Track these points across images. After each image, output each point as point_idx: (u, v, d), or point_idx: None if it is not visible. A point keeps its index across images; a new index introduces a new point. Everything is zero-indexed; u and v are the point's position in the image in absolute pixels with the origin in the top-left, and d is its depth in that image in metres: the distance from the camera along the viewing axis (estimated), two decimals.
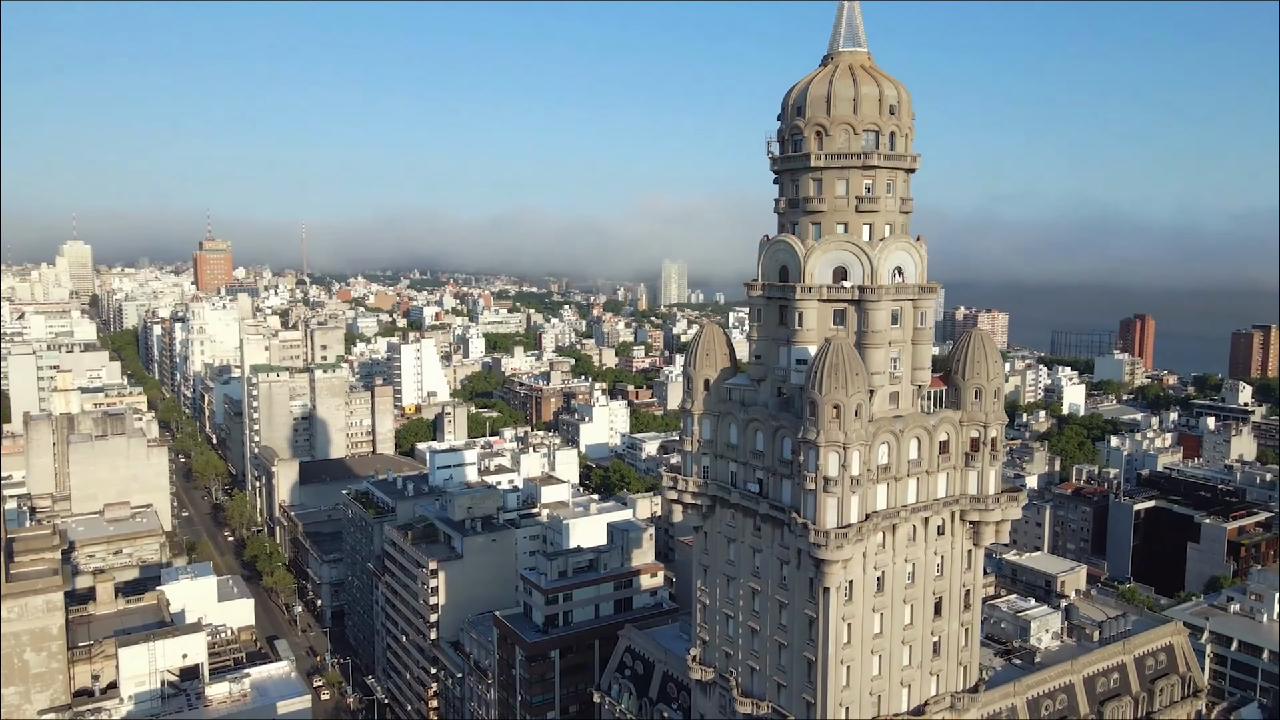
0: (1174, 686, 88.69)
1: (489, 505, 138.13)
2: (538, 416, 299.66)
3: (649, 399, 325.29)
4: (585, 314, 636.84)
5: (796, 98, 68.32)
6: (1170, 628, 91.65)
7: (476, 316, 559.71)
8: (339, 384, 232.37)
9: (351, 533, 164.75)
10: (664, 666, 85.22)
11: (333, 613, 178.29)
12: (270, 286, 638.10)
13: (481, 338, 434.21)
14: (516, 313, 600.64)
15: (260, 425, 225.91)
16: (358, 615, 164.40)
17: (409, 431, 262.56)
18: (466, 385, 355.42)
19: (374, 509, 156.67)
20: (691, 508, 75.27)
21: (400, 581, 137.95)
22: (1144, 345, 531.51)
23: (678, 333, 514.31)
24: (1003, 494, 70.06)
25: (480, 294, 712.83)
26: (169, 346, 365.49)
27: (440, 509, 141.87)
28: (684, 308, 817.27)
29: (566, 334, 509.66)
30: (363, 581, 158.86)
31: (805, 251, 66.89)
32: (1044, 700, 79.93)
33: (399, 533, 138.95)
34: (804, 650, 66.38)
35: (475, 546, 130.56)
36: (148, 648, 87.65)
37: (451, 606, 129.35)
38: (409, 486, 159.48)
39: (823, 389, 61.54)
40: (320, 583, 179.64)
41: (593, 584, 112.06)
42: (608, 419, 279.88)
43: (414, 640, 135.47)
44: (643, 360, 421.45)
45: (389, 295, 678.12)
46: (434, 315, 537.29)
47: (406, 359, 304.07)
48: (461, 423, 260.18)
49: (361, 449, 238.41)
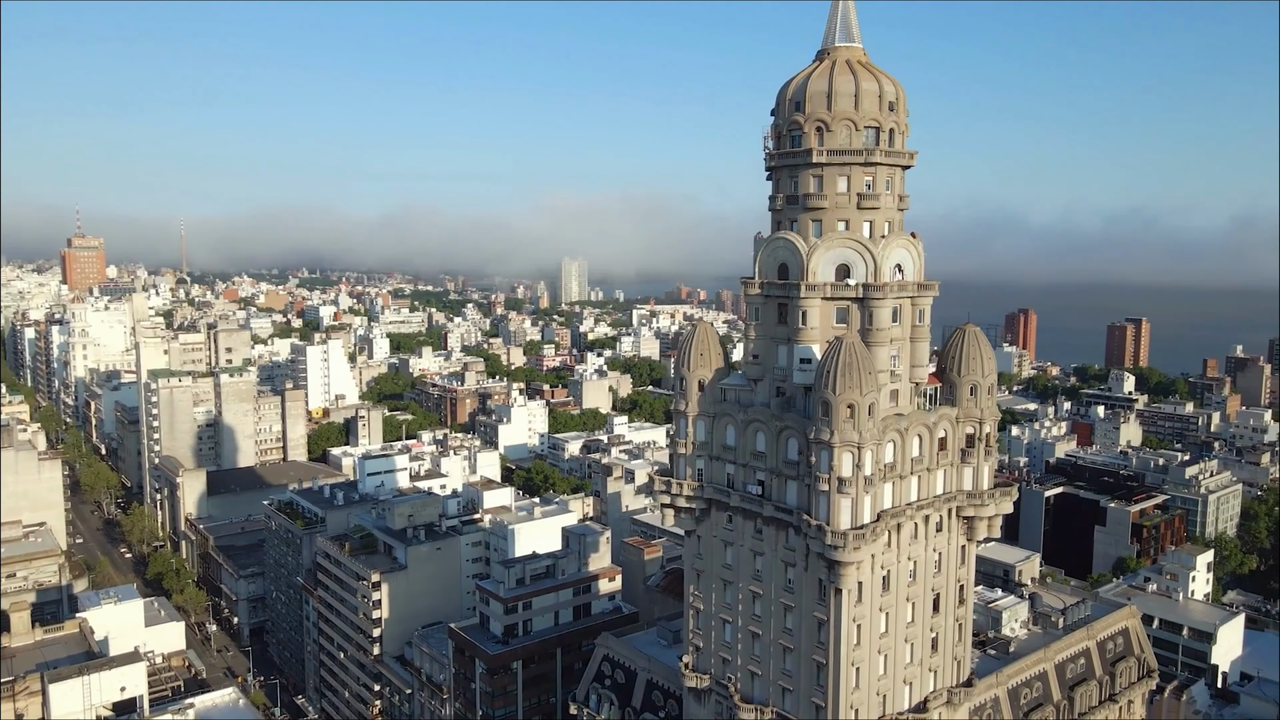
0: (1131, 668, 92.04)
1: (430, 513, 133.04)
2: (453, 418, 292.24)
3: (565, 398, 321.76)
4: (487, 312, 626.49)
5: (795, 92, 67.27)
6: (1125, 612, 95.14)
7: (377, 316, 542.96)
8: (247, 388, 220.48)
9: (275, 545, 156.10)
10: (648, 674, 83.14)
11: (251, 630, 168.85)
12: (149, 286, 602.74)
13: (386, 338, 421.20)
14: (418, 312, 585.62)
15: (161, 434, 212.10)
16: (283, 632, 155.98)
17: (320, 437, 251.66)
18: (373, 387, 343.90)
19: (301, 520, 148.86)
20: (684, 512, 73.47)
21: (336, 595, 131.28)
22: (1028, 338, 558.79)
23: (585, 330, 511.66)
24: (996, 489, 70.90)
25: (378, 293, 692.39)
26: (44, 351, 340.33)
27: (378, 518, 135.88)
28: (585, 305, 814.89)
29: (472, 333, 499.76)
30: (289, 596, 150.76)
31: (808, 249, 65.92)
32: (1022, 689, 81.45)
33: (334, 544, 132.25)
34: (813, 653, 65.46)
35: (419, 556, 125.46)
36: (82, 682, 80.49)
37: (395, 619, 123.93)
38: (338, 495, 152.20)
39: (837, 388, 60.67)
40: (236, 599, 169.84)
41: (552, 591, 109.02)
42: (526, 419, 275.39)
43: (353, 656, 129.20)
44: (553, 359, 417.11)
45: (280, 295, 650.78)
46: (332, 315, 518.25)
47: (312, 361, 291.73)
48: (376, 426, 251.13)
49: (271, 456, 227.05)
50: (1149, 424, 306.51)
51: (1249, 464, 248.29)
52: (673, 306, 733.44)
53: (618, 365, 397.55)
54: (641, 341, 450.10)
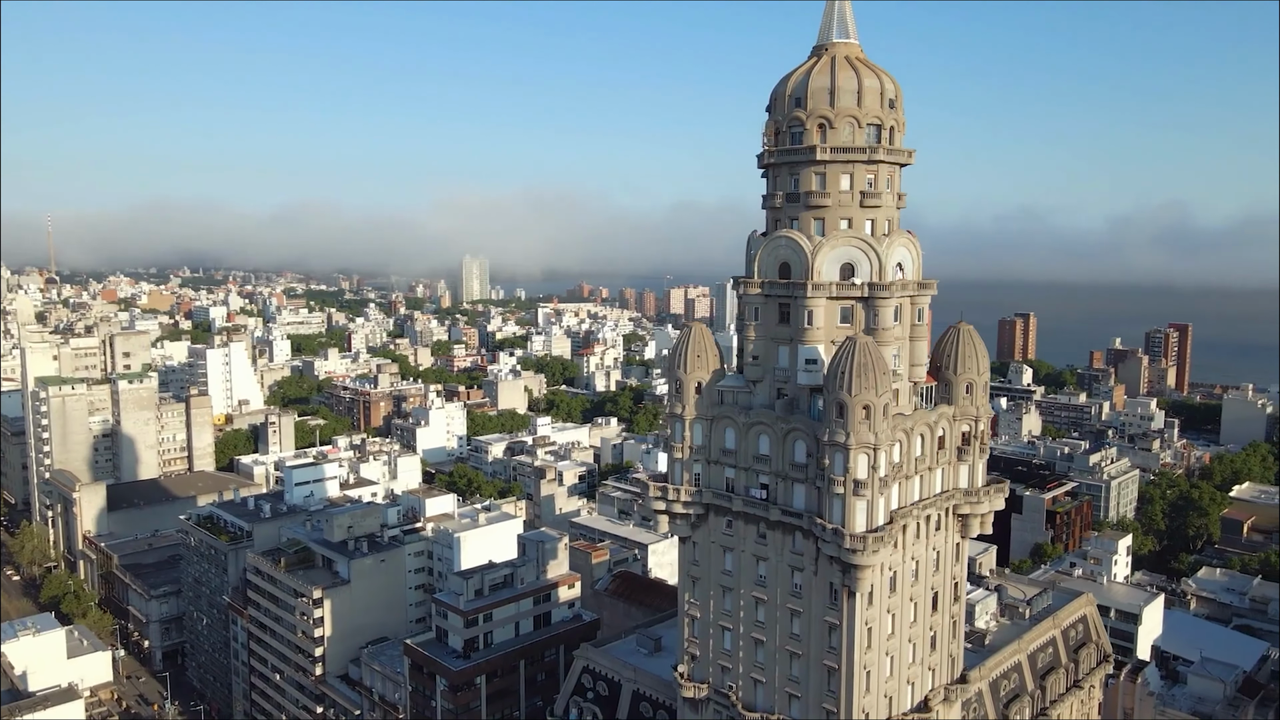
0: (1091, 654, 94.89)
1: (371, 523, 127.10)
2: (367, 422, 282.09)
3: (481, 399, 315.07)
4: (389, 312, 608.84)
5: (795, 88, 66.03)
6: (1083, 600, 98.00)
7: (273, 317, 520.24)
8: (148, 395, 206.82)
9: (195, 562, 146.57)
10: (634, 685, 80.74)
11: (164, 654, 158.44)
12: (14, 287, 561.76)
13: (286, 340, 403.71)
14: (317, 312, 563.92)
15: (52, 446, 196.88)
16: (204, 655, 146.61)
17: (226, 444, 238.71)
18: (277, 391, 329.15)
19: (226, 535, 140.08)
20: (680, 518, 71.42)
21: (271, 614, 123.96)
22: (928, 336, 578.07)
23: (493, 330, 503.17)
24: (989, 485, 71.46)
25: (271, 293, 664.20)
26: None
27: (313, 530, 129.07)
28: (488, 304, 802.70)
29: (377, 334, 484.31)
30: (213, 617, 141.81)
31: (813, 248, 64.78)
32: (1001, 681, 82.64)
33: (267, 560, 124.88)
34: (823, 658, 64.42)
35: (363, 569, 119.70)
36: None
37: (338, 637, 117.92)
38: (264, 507, 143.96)
39: (852, 390, 59.70)
40: (147, 621, 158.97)
41: (512, 601, 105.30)
42: (445, 422, 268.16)
43: (291, 678, 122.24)
44: (464, 359, 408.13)
45: (164, 295, 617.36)
46: (224, 316, 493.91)
47: (213, 365, 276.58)
48: (288, 432, 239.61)
49: (176, 467, 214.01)
50: (1047, 414, 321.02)
51: (1142, 450, 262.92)
52: (576, 305, 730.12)
53: (530, 365, 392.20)
54: (553, 341, 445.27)
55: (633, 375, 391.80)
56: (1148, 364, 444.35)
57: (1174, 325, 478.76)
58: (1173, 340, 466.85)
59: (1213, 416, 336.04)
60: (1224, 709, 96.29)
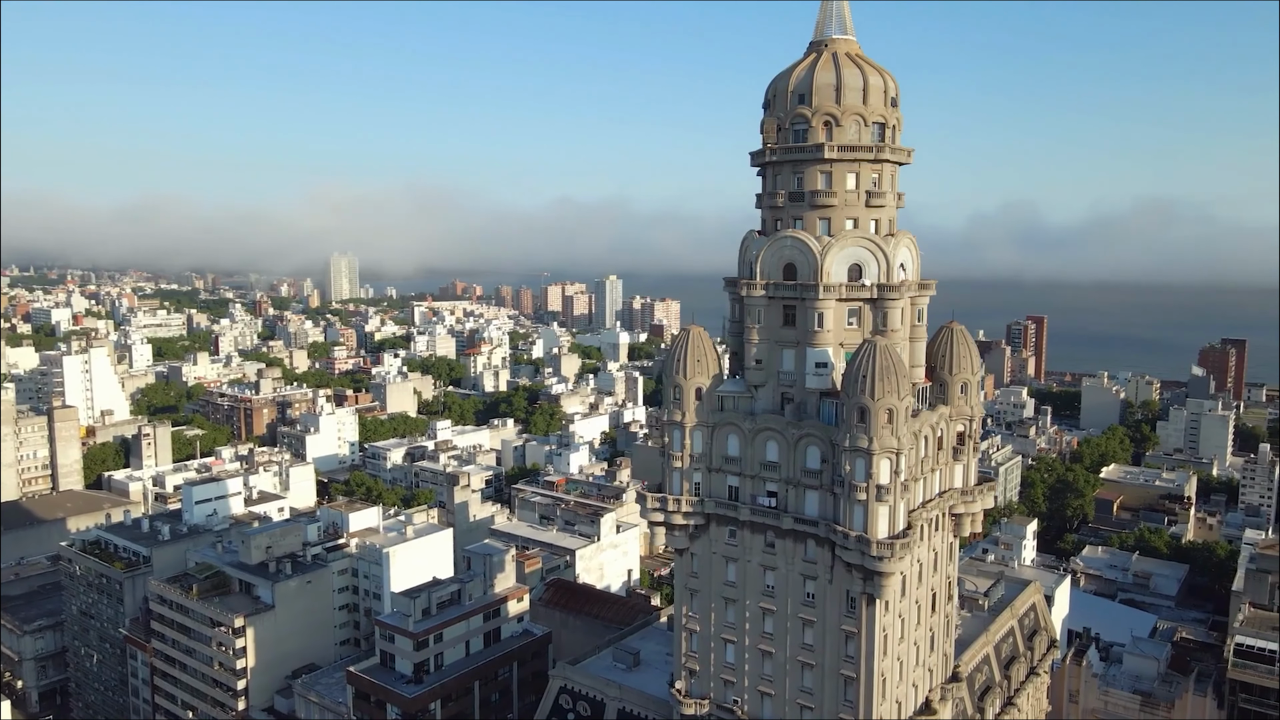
0: (1042, 641, 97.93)
1: (291, 541, 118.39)
2: (249, 431, 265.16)
3: (369, 403, 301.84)
4: (255, 312, 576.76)
5: (797, 85, 64.23)
6: (1032, 589, 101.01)
7: (125, 320, 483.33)
8: (5, 409, 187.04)
9: (80, 592, 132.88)
10: (619, 703, 77.35)
11: (41, 695, 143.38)
12: None
13: (146, 344, 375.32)
14: (175, 314, 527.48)
15: None
16: (94, 694, 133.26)
17: (93, 459, 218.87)
18: (140, 400, 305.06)
19: (119, 562, 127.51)
20: (678, 529, 68.62)
21: (182, 646, 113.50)
22: None
23: (371, 330, 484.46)
24: (981, 484, 71.94)
25: (121, 293, 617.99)
26: None
27: (224, 552, 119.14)
28: (358, 303, 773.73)
29: (247, 336, 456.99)
30: (105, 652, 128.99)
31: (822, 248, 63.16)
32: (975, 675, 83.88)
33: (173, 587, 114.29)
34: (840, 668, 63.06)
35: (288, 593, 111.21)
36: None
37: (262, 668, 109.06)
38: (161, 529, 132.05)
39: (875, 394, 58.43)
40: (20, 659, 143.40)
41: (462, 619, 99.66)
42: (336, 428, 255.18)
43: (207, 714, 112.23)
44: (345, 361, 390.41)
45: None
46: (69, 319, 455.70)
47: (70, 373, 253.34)
48: (165, 444, 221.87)
49: (39, 486, 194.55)
50: None
51: (1020, 437, 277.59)
52: (452, 303, 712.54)
53: (416, 366, 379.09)
54: (437, 341, 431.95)
55: (523, 374, 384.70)
56: (1009, 354, 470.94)
57: (1031, 317, 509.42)
58: (1030, 332, 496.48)
59: (1071, 403, 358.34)
60: (1160, 686, 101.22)
